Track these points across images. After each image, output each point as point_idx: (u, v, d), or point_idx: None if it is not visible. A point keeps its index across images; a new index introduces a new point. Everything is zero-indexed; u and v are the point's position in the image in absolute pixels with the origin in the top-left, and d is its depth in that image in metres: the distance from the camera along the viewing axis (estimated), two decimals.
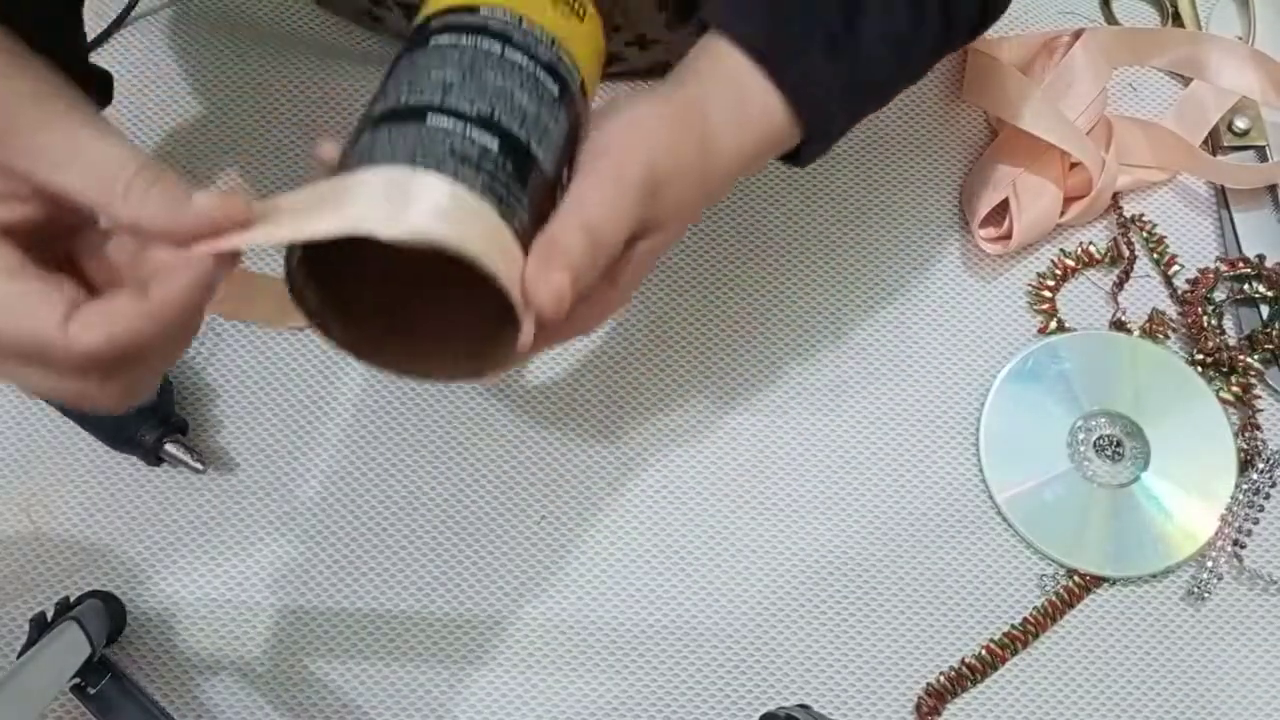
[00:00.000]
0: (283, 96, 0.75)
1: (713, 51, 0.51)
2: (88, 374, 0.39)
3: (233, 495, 0.66)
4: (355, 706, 0.62)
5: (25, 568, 0.64)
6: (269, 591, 0.64)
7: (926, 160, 0.75)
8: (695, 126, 0.49)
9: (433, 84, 0.42)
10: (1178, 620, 0.65)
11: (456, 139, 0.41)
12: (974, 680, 0.63)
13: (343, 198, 0.39)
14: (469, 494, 0.66)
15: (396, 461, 0.67)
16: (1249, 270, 0.71)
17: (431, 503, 0.66)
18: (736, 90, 0.50)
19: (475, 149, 0.41)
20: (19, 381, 0.39)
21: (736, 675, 0.63)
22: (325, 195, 0.39)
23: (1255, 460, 0.67)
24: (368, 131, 0.42)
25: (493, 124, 0.42)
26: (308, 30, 0.77)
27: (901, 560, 0.66)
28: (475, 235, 0.39)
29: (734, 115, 0.50)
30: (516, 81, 0.43)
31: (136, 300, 0.38)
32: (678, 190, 0.47)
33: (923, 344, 0.71)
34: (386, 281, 0.43)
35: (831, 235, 0.73)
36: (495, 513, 0.66)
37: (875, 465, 0.68)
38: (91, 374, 0.39)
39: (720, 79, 0.50)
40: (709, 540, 0.66)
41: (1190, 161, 0.74)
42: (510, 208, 0.41)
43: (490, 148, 0.41)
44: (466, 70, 0.42)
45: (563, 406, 0.68)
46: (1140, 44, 0.76)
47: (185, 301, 0.38)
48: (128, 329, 0.38)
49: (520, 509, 0.66)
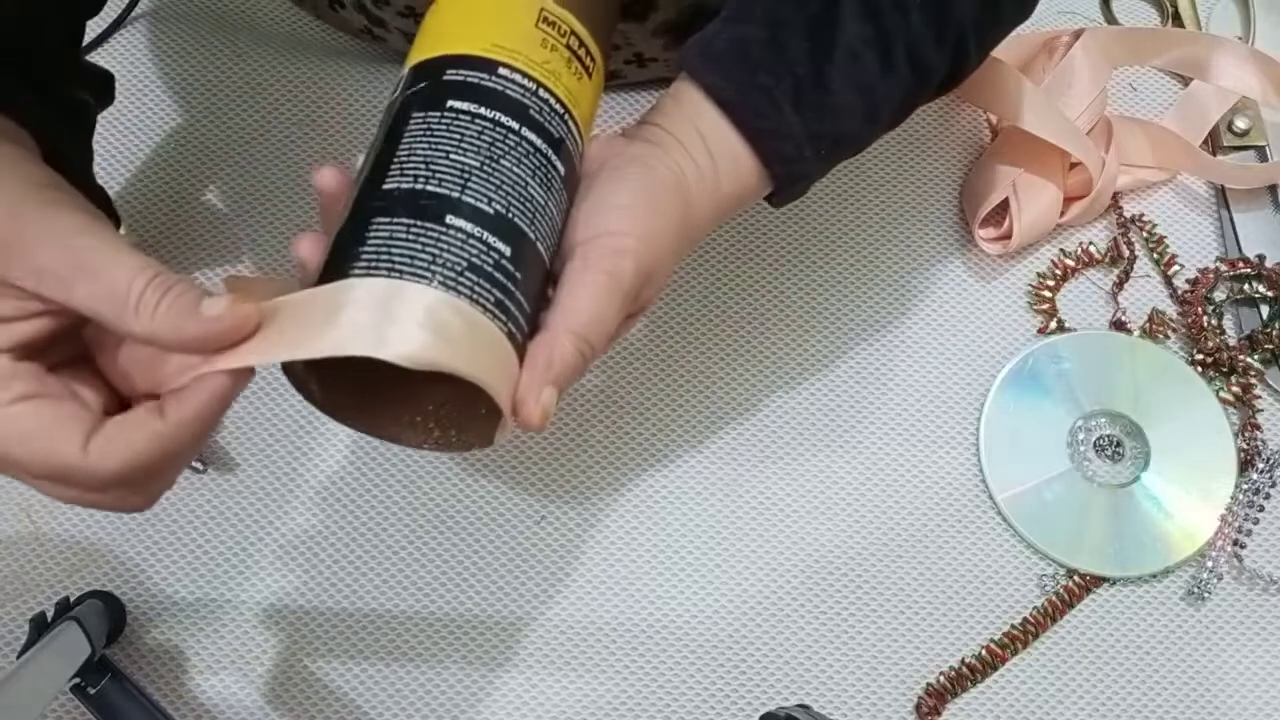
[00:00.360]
0: (283, 97, 0.75)
1: (684, 100, 0.50)
2: (114, 489, 0.41)
3: (233, 495, 0.66)
4: (355, 706, 0.62)
5: (25, 568, 0.64)
6: (269, 591, 0.64)
7: (926, 160, 0.75)
8: (679, 207, 0.48)
9: (452, 170, 0.42)
10: (1178, 620, 0.65)
11: (474, 249, 0.41)
12: (974, 680, 0.63)
13: (348, 312, 0.39)
14: (469, 494, 0.66)
15: (396, 462, 0.67)
16: (1249, 270, 0.71)
17: (431, 503, 0.66)
18: (707, 146, 0.50)
19: (491, 260, 0.41)
20: (54, 495, 0.41)
21: (736, 675, 0.63)
22: (329, 306, 0.40)
23: (1255, 460, 0.67)
24: (381, 212, 0.41)
25: (508, 225, 0.42)
26: (308, 30, 0.77)
27: (902, 560, 0.66)
28: (480, 356, 0.40)
29: (708, 177, 0.50)
30: (529, 169, 0.43)
31: (153, 420, 0.40)
32: (663, 273, 0.48)
33: (923, 344, 0.71)
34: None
35: (831, 235, 0.73)
36: (495, 513, 0.66)
37: (875, 465, 0.68)
38: (118, 489, 0.41)
39: (692, 135, 0.50)
40: (709, 540, 0.66)
41: (1190, 161, 0.74)
42: (514, 318, 0.42)
43: (504, 256, 0.42)
44: (486, 157, 0.43)
45: (563, 407, 0.68)
46: (1140, 44, 0.76)
47: (201, 418, 0.40)
48: (146, 450, 0.40)
49: (520, 510, 0.66)
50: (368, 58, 0.76)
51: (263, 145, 0.73)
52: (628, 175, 0.48)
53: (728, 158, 0.50)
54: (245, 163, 0.73)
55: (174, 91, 0.75)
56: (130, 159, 0.73)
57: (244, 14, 0.77)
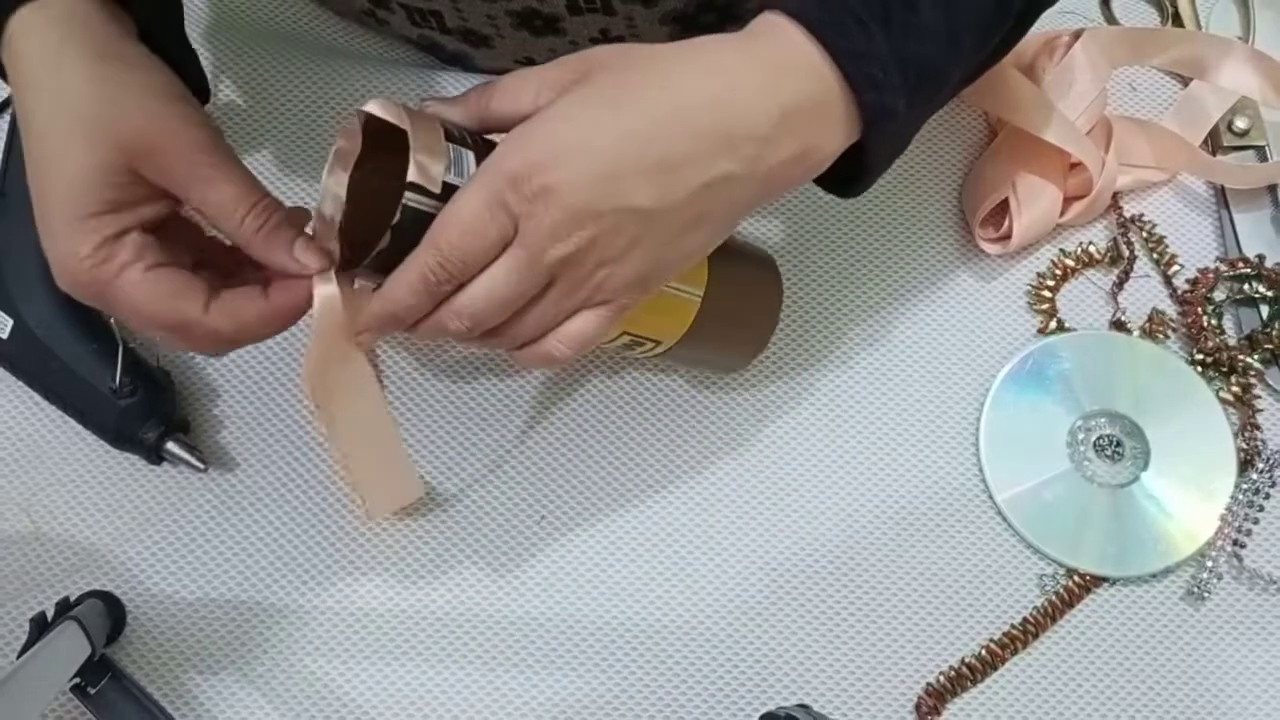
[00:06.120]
0: (283, 96, 0.74)
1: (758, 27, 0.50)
2: (216, 343, 0.53)
3: (233, 495, 0.66)
4: (355, 706, 0.62)
5: (25, 568, 0.64)
6: (269, 591, 0.64)
7: (926, 160, 0.75)
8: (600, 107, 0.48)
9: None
10: (1178, 620, 0.65)
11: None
12: (974, 680, 0.63)
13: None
14: (468, 494, 0.66)
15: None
16: (1249, 270, 0.71)
17: (431, 502, 0.66)
18: (773, 43, 0.49)
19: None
20: (162, 341, 0.54)
21: (736, 675, 0.63)
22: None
23: (1255, 460, 0.67)
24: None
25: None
26: (308, 30, 0.77)
27: (902, 560, 0.66)
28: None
29: (763, 65, 0.49)
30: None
31: (260, 300, 0.52)
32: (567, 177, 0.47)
33: (922, 344, 0.71)
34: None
35: (831, 235, 0.73)
36: (494, 513, 0.66)
37: (875, 465, 0.68)
38: (226, 344, 0.53)
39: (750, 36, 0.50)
40: (708, 540, 0.66)
41: (1190, 161, 0.74)
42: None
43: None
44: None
45: (562, 407, 0.68)
46: (1140, 44, 0.76)
47: (296, 308, 0.53)
48: (251, 320, 0.52)
49: (519, 509, 0.66)
50: (367, 58, 0.76)
51: (262, 145, 0.73)
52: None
53: (800, 60, 0.49)
54: (245, 162, 0.73)
55: None
56: None
57: (244, 14, 0.77)
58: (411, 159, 0.48)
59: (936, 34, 0.51)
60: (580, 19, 0.66)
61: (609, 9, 0.66)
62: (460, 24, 0.69)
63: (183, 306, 0.51)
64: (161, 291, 0.50)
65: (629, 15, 0.66)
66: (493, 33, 0.69)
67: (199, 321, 0.51)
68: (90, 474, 0.66)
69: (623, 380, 0.69)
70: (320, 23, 0.77)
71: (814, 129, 0.50)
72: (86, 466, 0.66)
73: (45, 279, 0.64)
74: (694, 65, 0.49)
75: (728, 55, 0.50)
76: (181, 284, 0.51)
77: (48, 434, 0.67)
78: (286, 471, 0.66)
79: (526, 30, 0.68)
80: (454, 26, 0.69)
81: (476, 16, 0.67)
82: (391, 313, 0.51)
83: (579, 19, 0.66)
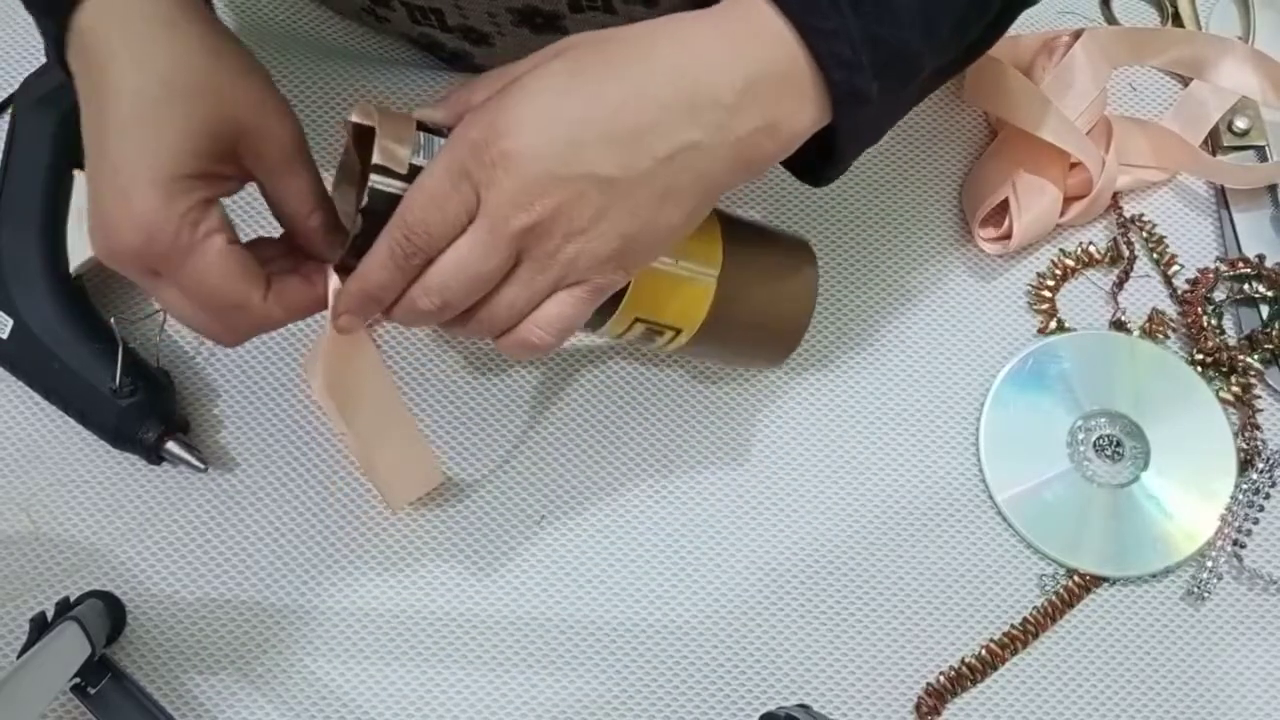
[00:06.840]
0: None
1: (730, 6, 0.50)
2: (259, 329, 0.53)
3: (233, 495, 0.66)
4: (356, 706, 0.62)
5: (25, 568, 0.64)
6: (269, 591, 0.64)
7: (926, 160, 0.75)
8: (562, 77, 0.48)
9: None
10: (1178, 620, 0.65)
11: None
12: (974, 680, 0.63)
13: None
14: (468, 494, 0.66)
15: None
16: (1249, 270, 0.71)
17: (431, 502, 0.66)
18: (741, 17, 0.49)
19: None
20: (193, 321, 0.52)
21: (736, 675, 0.63)
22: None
23: (1255, 460, 0.67)
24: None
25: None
26: (308, 30, 0.77)
27: (901, 560, 0.66)
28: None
29: (729, 36, 0.49)
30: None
31: (308, 288, 0.53)
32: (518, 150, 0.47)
33: (922, 344, 0.71)
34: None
35: (831, 235, 0.73)
36: (494, 513, 0.66)
37: (875, 465, 0.68)
38: (260, 329, 0.53)
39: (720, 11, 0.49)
40: (708, 539, 0.66)
41: (1190, 161, 0.74)
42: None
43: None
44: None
45: (561, 407, 0.68)
46: (1140, 44, 0.76)
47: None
48: (301, 308, 0.53)
49: (519, 509, 0.66)
50: (367, 57, 0.76)
51: None
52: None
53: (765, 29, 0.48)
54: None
55: None
56: None
57: (244, 13, 0.77)
58: (376, 144, 0.49)
59: (911, 19, 0.50)
60: (581, 16, 0.66)
61: (610, 8, 0.66)
62: (461, 21, 0.69)
63: (247, 289, 0.51)
64: (235, 269, 0.50)
65: (630, 15, 0.66)
66: (493, 30, 0.69)
67: (258, 305, 0.51)
68: (90, 474, 0.66)
69: (622, 380, 0.69)
70: (320, 22, 0.77)
71: (781, 102, 0.50)
72: (86, 466, 0.66)
73: (45, 279, 0.65)
74: (661, 38, 0.49)
75: (695, 28, 0.49)
76: (253, 266, 0.51)
77: (48, 434, 0.67)
78: (286, 471, 0.66)
79: (527, 28, 0.68)
80: (454, 24, 0.69)
81: (477, 14, 0.67)
82: (364, 289, 0.51)
83: (580, 16, 0.66)
